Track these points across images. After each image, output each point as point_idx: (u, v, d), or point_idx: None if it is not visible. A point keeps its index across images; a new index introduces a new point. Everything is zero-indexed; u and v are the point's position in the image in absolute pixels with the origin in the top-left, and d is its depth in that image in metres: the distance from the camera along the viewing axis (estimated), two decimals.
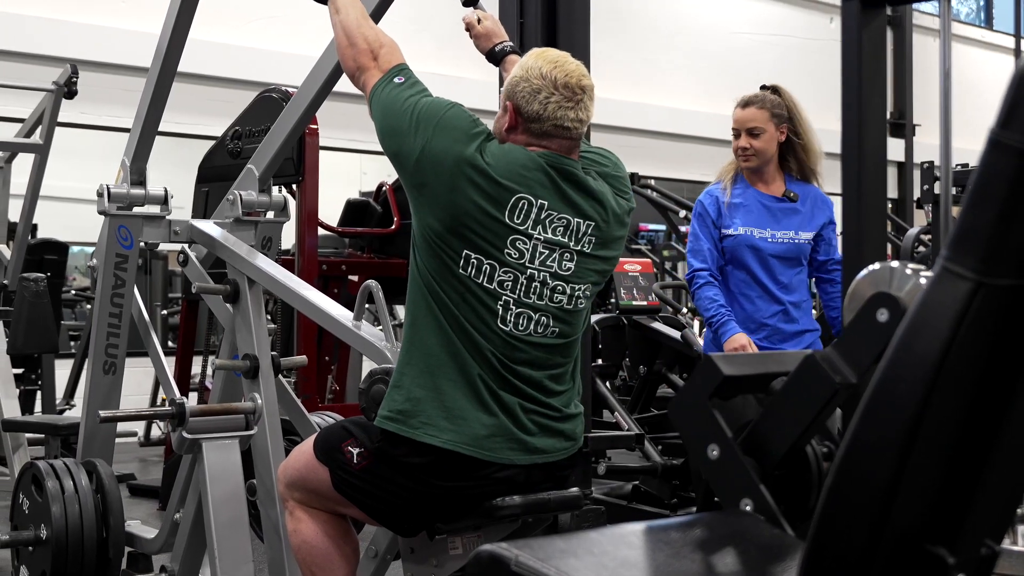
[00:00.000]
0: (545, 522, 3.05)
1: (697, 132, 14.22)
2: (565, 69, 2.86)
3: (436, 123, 2.81)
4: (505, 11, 4.17)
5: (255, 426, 3.53)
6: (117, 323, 3.92)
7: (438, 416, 2.77)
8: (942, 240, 2.35)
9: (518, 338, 2.81)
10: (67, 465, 3.64)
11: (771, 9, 15.68)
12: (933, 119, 8.23)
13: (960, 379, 1.32)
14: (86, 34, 9.49)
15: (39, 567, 3.56)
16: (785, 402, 1.90)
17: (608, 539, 1.75)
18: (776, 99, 4.36)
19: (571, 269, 2.86)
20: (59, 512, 3.51)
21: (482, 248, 2.78)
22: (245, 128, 6.17)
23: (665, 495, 5.44)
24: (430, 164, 2.79)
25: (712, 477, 1.92)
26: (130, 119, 4.05)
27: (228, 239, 3.75)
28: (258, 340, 3.59)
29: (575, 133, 2.88)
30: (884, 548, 1.35)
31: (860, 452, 1.37)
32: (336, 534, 3.00)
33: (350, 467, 2.86)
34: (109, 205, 3.84)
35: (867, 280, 1.75)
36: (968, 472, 1.39)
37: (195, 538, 3.62)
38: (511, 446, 2.81)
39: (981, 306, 1.29)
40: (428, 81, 3.01)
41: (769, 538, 1.77)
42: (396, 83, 2.92)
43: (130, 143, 3.99)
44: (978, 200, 1.29)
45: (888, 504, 1.34)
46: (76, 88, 5.82)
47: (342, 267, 6.94)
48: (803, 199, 4.37)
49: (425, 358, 2.81)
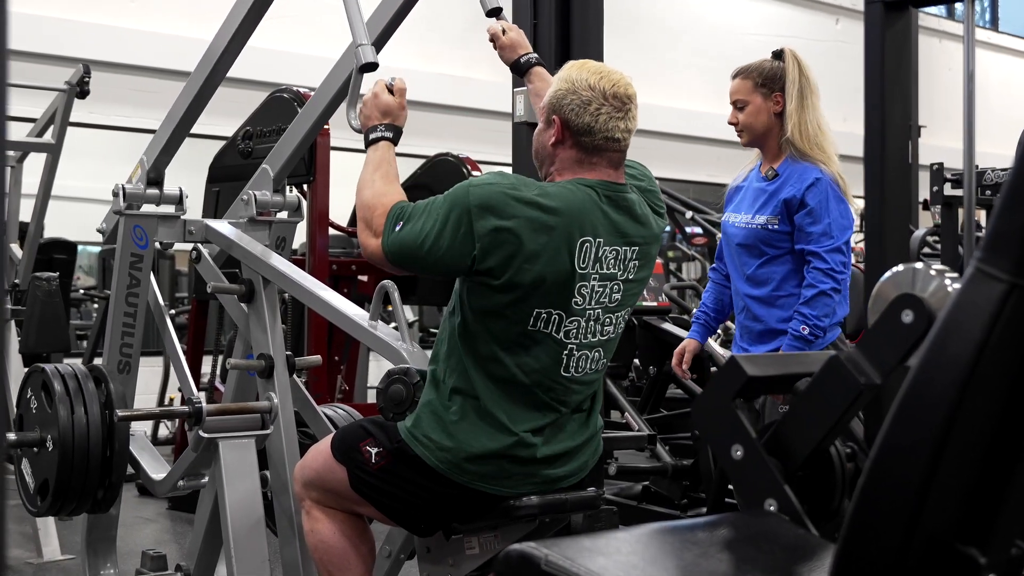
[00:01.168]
0: (561, 522, 3.06)
1: (704, 133, 14.20)
2: (612, 79, 2.82)
3: (475, 203, 2.69)
4: (519, 12, 4.18)
5: (271, 425, 3.53)
6: (132, 322, 3.92)
7: (475, 459, 2.79)
8: (965, 242, 2.34)
9: (576, 380, 2.85)
10: (75, 370, 3.62)
11: (778, 10, 15.68)
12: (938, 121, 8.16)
13: (993, 380, 1.33)
14: (97, 34, 9.50)
15: (43, 474, 3.53)
16: (809, 403, 1.90)
17: (634, 539, 1.76)
18: (770, 65, 3.93)
19: (618, 300, 2.87)
20: (66, 415, 3.47)
21: (553, 301, 2.76)
22: (256, 128, 6.19)
23: (675, 496, 5.45)
24: (492, 248, 2.70)
25: (736, 477, 1.93)
26: (139, 119, 4.08)
27: (243, 239, 3.75)
28: (273, 340, 3.59)
29: (624, 144, 2.85)
30: (916, 549, 1.36)
31: (893, 454, 1.37)
32: (353, 534, 3.00)
33: (368, 467, 2.87)
34: (124, 205, 3.84)
35: (891, 282, 1.75)
36: (999, 473, 1.39)
37: (211, 536, 3.63)
38: (540, 481, 2.85)
39: (1015, 307, 1.29)
40: (442, 80, 3.00)
41: (794, 538, 1.78)
42: (397, 231, 2.78)
43: (154, 143, 4.00)
44: (1012, 203, 1.30)
45: (920, 505, 1.35)
46: (88, 88, 5.82)
47: (352, 267, 6.95)
48: (782, 178, 3.86)
49: (473, 400, 2.80)
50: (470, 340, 2.79)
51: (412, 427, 2.84)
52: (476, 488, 2.80)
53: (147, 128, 4.02)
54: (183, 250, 4.12)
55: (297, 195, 4.05)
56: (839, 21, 16.06)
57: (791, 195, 3.78)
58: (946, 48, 16.41)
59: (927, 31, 15.58)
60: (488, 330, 2.77)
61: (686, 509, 5.40)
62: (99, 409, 3.51)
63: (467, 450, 2.77)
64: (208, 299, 6.68)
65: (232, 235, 3.75)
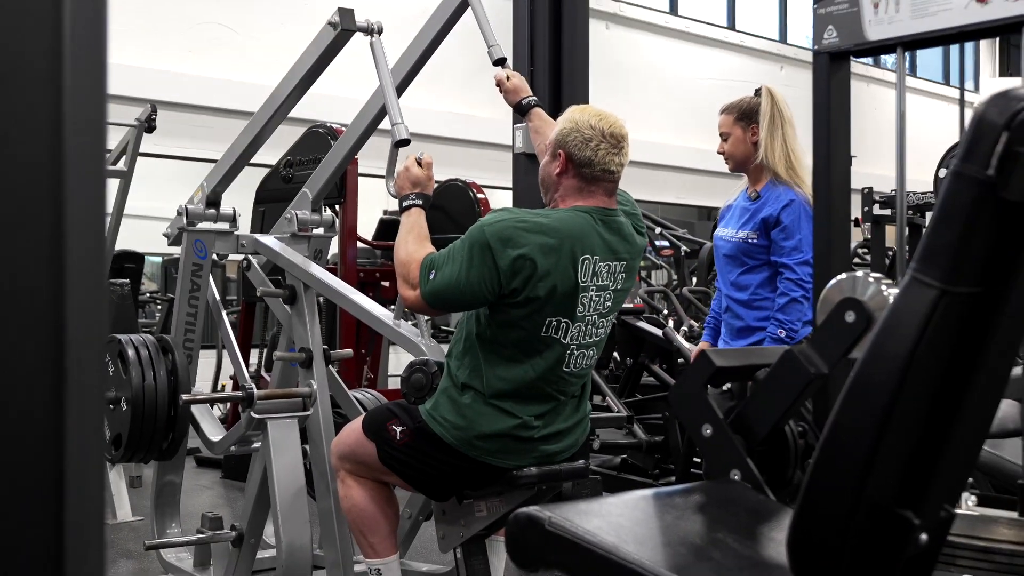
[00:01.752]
0: (555, 490, 3.05)
1: (670, 162, 14.23)
2: (609, 121, 2.84)
3: (493, 244, 2.68)
4: (518, 61, 4.18)
5: (311, 408, 3.53)
6: (193, 321, 3.92)
7: (484, 438, 2.79)
8: (898, 255, 2.35)
9: (574, 374, 2.86)
10: (146, 340, 3.64)
11: (730, 59, 15.70)
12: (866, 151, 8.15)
13: (926, 371, 1.33)
14: (162, 79, 9.49)
15: (116, 428, 3.54)
16: (767, 389, 1.91)
17: (622, 504, 1.76)
18: (749, 101, 3.91)
19: (609, 307, 2.87)
20: (138, 377, 3.52)
21: (561, 311, 2.76)
22: (296, 158, 6.18)
23: (649, 467, 5.44)
24: (515, 275, 2.68)
25: (706, 451, 1.93)
26: (196, 150, 4.08)
27: (287, 251, 3.75)
28: (312, 335, 3.59)
29: (617, 176, 2.86)
30: (861, 512, 1.36)
31: (841, 433, 1.38)
32: (380, 498, 3.00)
33: (394, 443, 2.87)
34: (187, 222, 3.84)
35: (835, 288, 1.75)
36: (931, 449, 1.40)
37: (260, 501, 3.62)
38: (539, 455, 2.85)
39: (945, 310, 1.30)
40: (447, 118, 3.01)
41: (756, 503, 1.78)
42: (432, 278, 2.75)
43: (215, 171, 4.00)
44: (942, 221, 1.31)
45: (865, 475, 1.35)
46: (155, 124, 5.81)
47: (376, 274, 6.95)
48: (763, 199, 3.80)
49: (483, 393, 2.79)
50: (487, 345, 2.79)
51: (431, 409, 2.84)
52: (485, 461, 2.80)
53: (202, 157, 4.03)
54: (232, 260, 4.11)
55: (331, 214, 4.06)
56: (783, 68, 16.07)
57: (768, 214, 3.74)
58: (872, 91, 16.43)
59: (856, 76, 15.61)
60: (506, 338, 2.77)
61: (658, 478, 5.39)
62: (166, 375, 3.54)
63: (477, 430, 2.77)
64: (255, 301, 6.67)
65: (278, 248, 3.76)
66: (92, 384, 0.77)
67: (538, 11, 4.23)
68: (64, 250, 0.74)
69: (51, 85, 0.73)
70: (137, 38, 9.50)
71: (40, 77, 0.73)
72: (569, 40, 4.22)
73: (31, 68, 0.73)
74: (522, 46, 4.22)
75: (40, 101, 0.73)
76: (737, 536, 1.66)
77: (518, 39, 4.25)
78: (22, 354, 0.74)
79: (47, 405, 0.74)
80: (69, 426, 0.75)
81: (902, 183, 2.35)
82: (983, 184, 1.25)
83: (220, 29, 9.85)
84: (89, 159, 0.76)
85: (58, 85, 0.74)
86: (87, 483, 0.76)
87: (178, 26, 10.12)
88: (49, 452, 0.74)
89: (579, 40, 4.24)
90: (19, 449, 0.73)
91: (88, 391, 0.76)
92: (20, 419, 0.73)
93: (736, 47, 15.87)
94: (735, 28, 16.03)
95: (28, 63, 0.72)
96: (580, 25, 4.26)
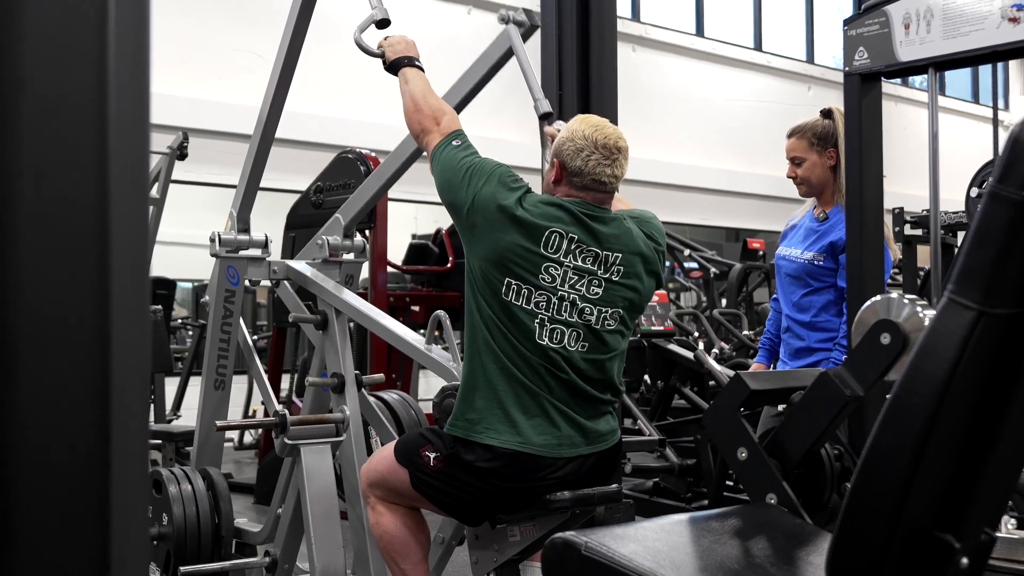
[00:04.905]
0: (588, 514, 3.04)
1: (698, 183, 14.24)
2: (604, 132, 2.88)
3: (485, 179, 2.85)
4: (547, 85, 4.19)
5: (344, 433, 3.54)
6: (226, 347, 3.94)
7: (497, 422, 2.78)
8: (932, 275, 2.34)
9: (555, 350, 2.82)
10: (185, 471, 3.67)
11: (758, 79, 15.69)
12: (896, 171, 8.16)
13: (965, 393, 1.33)
14: (193, 107, 9.59)
15: (161, 557, 3.58)
16: (803, 412, 1.90)
17: (658, 528, 1.75)
18: (822, 124, 3.78)
19: (599, 294, 2.86)
20: (179, 511, 3.54)
21: (520, 276, 2.80)
22: (326, 183, 6.22)
23: (681, 490, 5.42)
24: (479, 211, 2.83)
25: (741, 475, 1.93)
26: (227, 177, 4.09)
27: (318, 276, 3.76)
28: (344, 361, 3.60)
29: (610, 187, 2.89)
30: (901, 535, 1.35)
31: (879, 456, 1.37)
32: (412, 524, 3.00)
33: (427, 469, 2.86)
34: (220, 249, 3.86)
35: (870, 309, 1.75)
36: (970, 471, 1.39)
37: (294, 527, 3.63)
38: (560, 442, 2.81)
39: (983, 331, 1.29)
40: (476, 142, 3.04)
41: (793, 527, 1.77)
42: (454, 145, 2.96)
43: (236, 197, 4.01)
44: (979, 242, 1.30)
45: (904, 498, 1.34)
46: (187, 151, 5.87)
47: (406, 299, 6.97)
48: (831, 221, 3.75)
49: (484, 375, 2.82)
50: (478, 306, 2.87)
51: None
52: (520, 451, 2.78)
53: (233, 184, 4.04)
54: (264, 287, 4.13)
55: (362, 239, 4.07)
56: (811, 88, 16.06)
57: (838, 238, 3.66)
58: (901, 110, 16.38)
59: (885, 96, 15.54)
60: (482, 296, 2.85)
61: (691, 502, 5.37)
62: (209, 511, 3.61)
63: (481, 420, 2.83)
64: (286, 326, 6.70)
65: (309, 274, 3.77)
66: (136, 413, 0.78)
67: (566, 35, 4.24)
68: (109, 283, 0.76)
69: (96, 121, 0.75)
70: (169, 66, 9.61)
71: (85, 113, 0.74)
72: (597, 63, 4.23)
73: (77, 105, 0.74)
74: (550, 70, 4.24)
75: (85, 137, 0.75)
76: (774, 561, 1.65)
77: (546, 63, 4.26)
78: (68, 383, 0.75)
79: (94, 431, 0.75)
80: (115, 455, 0.76)
81: (935, 203, 2.33)
82: (1019, 205, 1.25)
83: (250, 57, 9.94)
84: (132, 195, 0.77)
85: (103, 121, 0.75)
86: (131, 515, 0.77)
87: (209, 54, 10.23)
88: (94, 478, 0.75)
89: (607, 63, 4.25)
90: (65, 478, 0.74)
91: (132, 419, 0.77)
92: (67, 447, 0.74)
93: (763, 68, 15.86)
94: (762, 49, 16.02)
95: (74, 100, 0.74)
96: (608, 49, 4.27)
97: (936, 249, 2.40)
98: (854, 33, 2.61)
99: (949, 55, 2.37)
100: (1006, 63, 18.93)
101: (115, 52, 0.75)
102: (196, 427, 4.02)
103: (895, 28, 2.50)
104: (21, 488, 0.73)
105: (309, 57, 4.07)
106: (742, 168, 14.56)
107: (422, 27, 7.08)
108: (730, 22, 15.69)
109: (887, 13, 2.59)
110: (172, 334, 10.78)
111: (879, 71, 2.54)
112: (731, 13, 15.76)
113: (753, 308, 9.56)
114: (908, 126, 15.18)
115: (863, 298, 1.87)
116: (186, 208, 10.65)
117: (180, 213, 10.05)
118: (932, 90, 2.41)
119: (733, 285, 9.19)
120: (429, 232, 7.84)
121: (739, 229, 14.99)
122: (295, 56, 3.87)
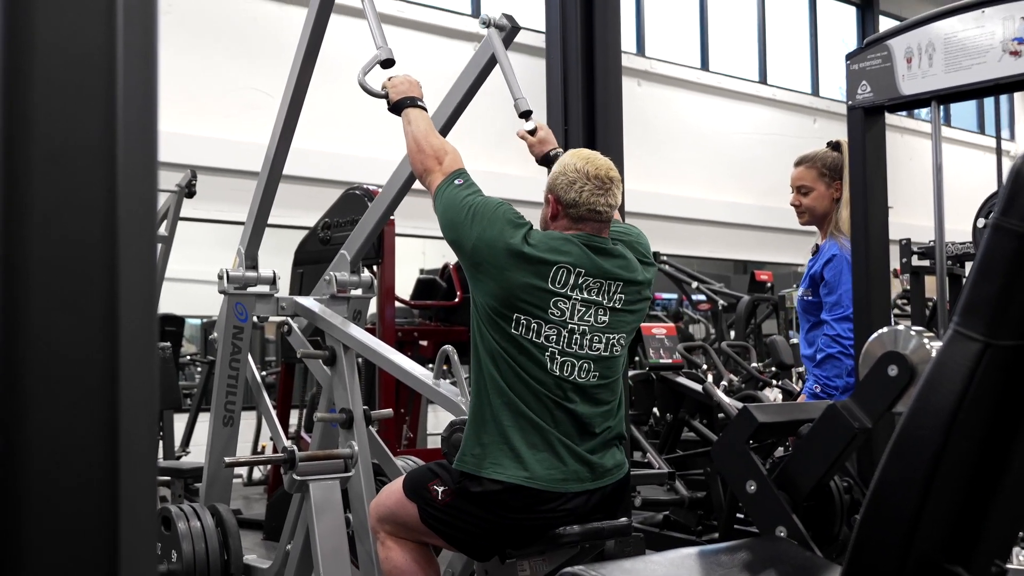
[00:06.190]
0: (598, 548, 3.03)
1: (704, 216, 14.24)
2: (596, 164, 2.91)
3: (489, 218, 2.86)
4: (552, 118, 4.22)
5: (352, 469, 3.53)
6: (234, 384, 3.95)
7: (503, 457, 2.78)
8: (939, 306, 2.34)
9: (566, 380, 2.83)
10: (194, 508, 3.67)
11: (764, 112, 15.73)
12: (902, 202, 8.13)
13: (972, 424, 1.33)
14: (201, 144, 9.64)
15: None
16: (811, 444, 1.90)
17: (668, 562, 1.75)
18: (832, 156, 3.79)
19: (605, 322, 2.89)
20: (189, 548, 3.53)
21: (529, 311, 2.81)
22: (333, 220, 6.23)
23: (691, 523, 5.39)
24: (485, 251, 2.83)
25: (751, 508, 1.92)
26: (235, 214, 4.09)
27: (326, 312, 3.78)
28: (352, 396, 3.60)
29: (605, 216, 2.92)
30: (910, 568, 1.35)
31: (888, 488, 1.36)
32: (421, 559, 2.99)
33: (436, 503, 2.86)
34: (228, 286, 3.88)
35: (877, 341, 1.75)
36: (980, 503, 1.38)
37: (303, 563, 3.62)
38: (565, 476, 2.81)
39: (989, 363, 1.29)
40: (478, 177, 3.06)
41: (803, 559, 1.76)
42: (456, 184, 2.96)
43: (244, 233, 4.03)
44: (983, 274, 1.30)
45: (913, 530, 1.34)
46: (195, 189, 5.90)
47: (414, 334, 6.96)
48: (819, 254, 3.76)
49: (490, 410, 2.83)
50: (484, 342, 2.87)
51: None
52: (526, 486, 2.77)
53: (240, 221, 4.06)
54: (273, 322, 4.14)
55: (370, 275, 4.08)
56: (816, 120, 16.09)
57: (815, 271, 3.70)
58: (907, 141, 16.40)
59: (890, 127, 15.54)
60: (489, 332, 2.85)
61: (701, 535, 5.33)
62: (218, 547, 3.60)
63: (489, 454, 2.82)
64: (295, 362, 6.70)
65: (317, 309, 3.79)
66: (145, 450, 0.78)
67: (571, 70, 4.27)
68: (118, 321, 0.76)
69: (105, 163, 0.76)
70: (175, 104, 9.66)
71: (94, 156, 0.75)
72: (602, 98, 4.26)
73: (86, 148, 0.75)
74: (556, 105, 4.27)
75: (94, 179, 0.75)
76: None
77: (552, 98, 4.29)
78: (77, 420, 0.75)
79: (103, 469, 0.75)
80: (123, 492, 0.76)
81: (941, 236, 2.34)
82: (1023, 237, 1.25)
83: (256, 94, 10.00)
84: (140, 235, 0.78)
85: (112, 162, 0.76)
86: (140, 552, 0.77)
87: (215, 92, 10.29)
88: (103, 515, 0.76)
89: (612, 98, 4.28)
90: (74, 516, 0.75)
91: (141, 456, 0.78)
92: (76, 484, 0.75)
93: (768, 101, 15.90)
94: (767, 82, 16.08)
95: (83, 144, 0.75)
96: (613, 83, 4.30)
97: (942, 280, 2.40)
98: (857, 67, 2.62)
99: (951, 88, 2.39)
100: (1011, 94, 18.97)
101: (123, 94, 0.76)
102: (205, 463, 4.02)
103: (897, 62, 2.51)
104: (31, 525, 0.73)
105: (316, 93, 4.10)
106: (749, 200, 14.58)
107: (428, 64, 7.12)
108: (735, 56, 15.76)
109: (889, 47, 2.60)
110: (181, 370, 10.78)
111: (882, 104, 2.56)
112: (736, 47, 15.82)
113: (762, 340, 9.54)
114: (914, 157, 15.17)
115: (870, 330, 1.87)
116: (195, 245, 10.68)
117: (189, 250, 10.09)
118: (935, 123, 2.42)
119: (741, 317, 9.18)
120: (437, 267, 7.85)
121: (747, 261, 14.99)
122: (302, 93, 3.90)
